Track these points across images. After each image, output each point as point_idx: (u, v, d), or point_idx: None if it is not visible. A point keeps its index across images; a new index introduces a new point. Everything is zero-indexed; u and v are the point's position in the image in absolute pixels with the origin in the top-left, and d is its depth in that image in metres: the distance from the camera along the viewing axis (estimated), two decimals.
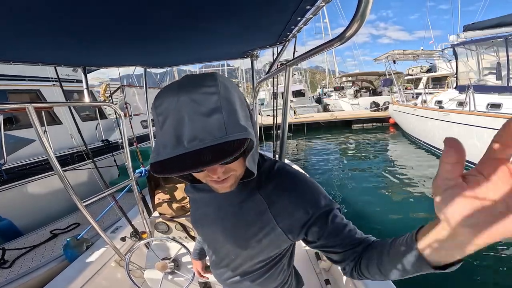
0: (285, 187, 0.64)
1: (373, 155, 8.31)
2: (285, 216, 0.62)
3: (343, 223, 0.60)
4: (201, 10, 0.76)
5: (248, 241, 0.67)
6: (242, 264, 0.75)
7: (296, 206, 0.61)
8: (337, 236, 0.58)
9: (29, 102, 1.08)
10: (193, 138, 0.46)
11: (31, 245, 2.73)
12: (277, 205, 0.63)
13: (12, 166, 3.51)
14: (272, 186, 0.64)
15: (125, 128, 1.72)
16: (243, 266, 0.75)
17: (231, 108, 0.50)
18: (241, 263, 0.74)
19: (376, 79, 18.69)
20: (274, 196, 0.64)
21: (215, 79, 0.51)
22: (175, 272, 1.52)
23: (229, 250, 0.73)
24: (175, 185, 1.66)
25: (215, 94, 0.49)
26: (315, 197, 0.61)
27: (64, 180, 1.19)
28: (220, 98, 0.49)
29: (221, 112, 0.48)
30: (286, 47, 1.38)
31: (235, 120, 0.49)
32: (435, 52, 10.61)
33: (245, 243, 0.68)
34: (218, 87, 0.50)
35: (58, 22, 0.71)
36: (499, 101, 5.41)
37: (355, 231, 0.60)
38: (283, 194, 0.63)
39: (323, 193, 0.63)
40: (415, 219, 4.05)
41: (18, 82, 4.23)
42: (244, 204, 0.67)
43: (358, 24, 0.55)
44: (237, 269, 0.77)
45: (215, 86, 0.50)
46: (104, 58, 1.45)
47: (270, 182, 0.65)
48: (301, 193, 0.62)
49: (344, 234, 0.59)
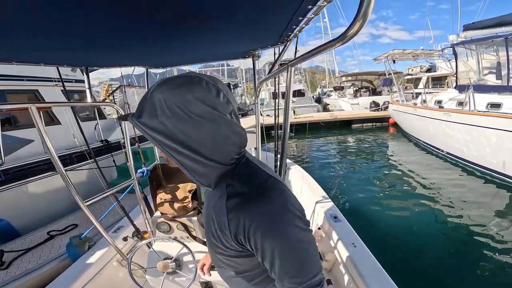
0: (244, 204, 0.61)
1: (373, 154, 8.32)
2: (239, 231, 0.60)
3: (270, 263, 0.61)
4: (203, 10, 0.76)
5: (214, 246, 0.69)
6: (220, 263, 0.75)
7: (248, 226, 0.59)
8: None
9: (31, 102, 1.09)
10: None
11: (28, 247, 2.74)
12: (234, 221, 0.60)
13: (10, 166, 3.50)
14: (237, 201, 0.62)
15: (127, 128, 1.73)
16: (222, 266, 0.75)
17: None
18: (219, 262, 0.75)
19: (376, 79, 18.70)
20: (234, 211, 0.61)
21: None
22: (176, 272, 1.52)
23: (210, 249, 0.76)
24: (177, 185, 1.67)
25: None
26: (270, 230, 0.58)
27: (67, 180, 1.19)
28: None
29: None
30: (287, 47, 1.38)
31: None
32: (435, 52, 10.62)
33: (213, 247, 0.70)
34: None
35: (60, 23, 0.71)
36: (499, 101, 5.42)
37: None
38: (242, 210, 0.60)
39: (284, 228, 0.58)
40: (414, 218, 4.05)
41: (16, 82, 4.21)
42: (215, 209, 0.66)
43: (360, 23, 0.55)
44: (218, 265, 0.78)
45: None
46: (106, 58, 1.45)
47: (238, 197, 0.62)
48: (259, 218, 0.59)
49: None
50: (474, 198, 4.55)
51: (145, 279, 1.67)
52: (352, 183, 5.82)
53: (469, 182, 5.27)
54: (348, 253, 1.57)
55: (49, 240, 2.89)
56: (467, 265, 2.91)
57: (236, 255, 0.67)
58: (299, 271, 0.59)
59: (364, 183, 5.83)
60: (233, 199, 0.62)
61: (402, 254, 3.13)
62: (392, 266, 1.59)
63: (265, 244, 0.58)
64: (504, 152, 4.79)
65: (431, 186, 5.24)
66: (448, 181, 5.42)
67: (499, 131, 4.77)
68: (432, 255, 3.12)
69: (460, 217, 3.94)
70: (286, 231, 0.58)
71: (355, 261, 1.48)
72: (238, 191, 0.63)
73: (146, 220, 1.76)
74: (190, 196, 1.65)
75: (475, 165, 5.62)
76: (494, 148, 4.99)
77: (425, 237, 3.53)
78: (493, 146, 5.01)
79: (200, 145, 0.59)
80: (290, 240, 0.58)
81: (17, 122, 4.07)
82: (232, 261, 0.70)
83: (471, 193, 4.81)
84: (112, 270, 1.80)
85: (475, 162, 5.59)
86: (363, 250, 1.59)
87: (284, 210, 0.60)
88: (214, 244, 0.68)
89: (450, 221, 3.84)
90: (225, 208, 0.62)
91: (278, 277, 0.61)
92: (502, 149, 4.82)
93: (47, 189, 3.86)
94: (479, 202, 4.42)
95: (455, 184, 5.21)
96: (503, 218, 3.82)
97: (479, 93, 5.71)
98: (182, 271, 1.53)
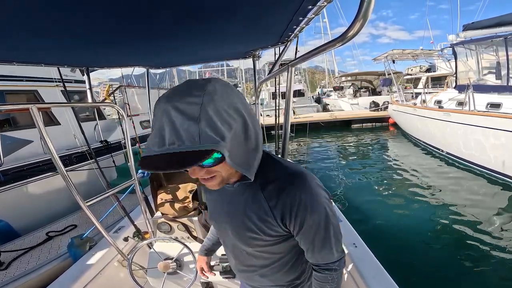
0: (284, 187, 0.66)
1: (373, 154, 8.31)
2: (286, 213, 0.66)
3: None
4: (203, 11, 0.76)
5: (251, 240, 0.72)
6: (251, 259, 0.79)
7: (292, 205, 0.65)
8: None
9: (32, 103, 1.09)
10: (172, 142, 0.51)
11: (27, 247, 2.74)
12: (278, 206, 0.66)
13: (10, 167, 3.49)
14: (274, 187, 0.67)
15: (127, 128, 1.73)
16: (253, 261, 0.79)
17: (209, 118, 0.52)
18: (250, 258, 0.79)
19: (376, 79, 18.70)
20: (275, 197, 0.66)
21: (202, 89, 0.55)
22: (177, 272, 1.52)
23: (239, 246, 0.78)
24: (178, 185, 1.67)
25: (197, 104, 0.53)
26: (312, 205, 0.66)
27: (68, 180, 1.19)
28: (200, 109, 0.52)
29: (197, 122, 0.51)
30: (288, 47, 1.38)
31: (212, 130, 0.52)
32: (434, 52, 10.62)
33: (249, 242, 0.73)
34: (202, 98, 0.53)
35: (60, 23, 0.72)
36: (498, 101, 5.42)
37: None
38: (283, 194, 0.66)
39: (322, 203, 0.67)
40: (415, 218, 4.05)
41: (15, 83, 4.21)
42: (248, 204, 0.70)
43: (361, 23, 0.56)
44: (247, 263, 0.81)
45: (199, 97, 0.53)
46: (106, 59, 1.45)
47: (273, 183, 0.68)
48: (300, 197, 0.65)
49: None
50: (474, 198, 4.55)
51: (146, 279, 1.67)
52: (352, 183, 5.82)
53: (469, 182, 5.27)
54: (349, 253, 1.57)
55: (47, 241, 2.89)
56: (468, 265, 2.91)
57: (275, 241, 0.72)
58: (335, 240, 0.70)
59: (364, 183, 5.83)
60: (269, 187, 0.67)
61: (402, 253, 3.13)
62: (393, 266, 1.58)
63: (311, 218, 0.65)
64: (503, 152, 4.80)
65: (431, 186, 5.24)
66: (448, 180, 5.42)
67: (498, 131, 4.77)
68: (433, 254, 3.12)
69: (460, 216, 3.94)
70: (325, 206, 0.67)
71: (356, 261, 1.48)
72: (271, 179, 0.68)
73: (147, 220, 1.75)
74: (190, 196, 1.66)
75: (475, 165, 5.62)
76: (494, 148, 4.99)
77: (426, 237, 3.53)
78: (492, 146, 5.02)
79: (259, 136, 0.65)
80: (329, 214, 0.67)
81: (16, 123, 4.07)
82: (269, 250, 0.75)
83: (471, 192, 4.81)
84: (113, 271, 1.79)
85: (475, 162, 5.59)
86: (364, 250, 1.58)
87: (319, 187, 0.68)
88: (251, 238, 0.71)
89: (450, 221, 3.84)
90: (262, 198, 0.67)
91: (319, 249, 0.70)
92: (501, 149, 4.83)
93: (46, 190, 3.85)
94: (479, 201, 4.42)
95: (455, 184, 5.21)
96: (503, 217, 3.82)
97: (479, 93, 5.71)
98: (183, 271, 1.53)
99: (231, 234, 0.76)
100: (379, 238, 3.41)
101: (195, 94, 0.54)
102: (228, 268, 1.39)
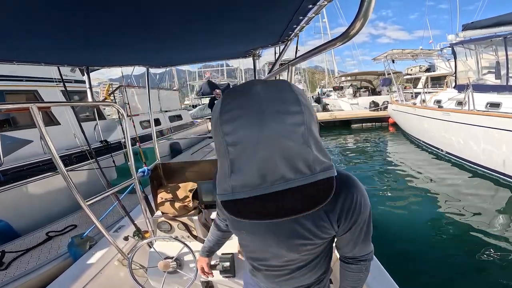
0: (337, 191, 0.61)
1: (373, 154, 8.32)
2: (342, 216, 0.65)
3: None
4: (203, 10, 0.77)
5: (302, 246, 0.69)
6: (289, 265, 0.77)
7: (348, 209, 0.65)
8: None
9: (32, 102, 1.09)
10: (280, 177, 0.41)
11: (27, 247, 2.73)
12: (335, 210, 0.65)
13: (9, 167, 3.49)
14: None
15: (128, 128, 1.73)
16: (290, 266, 0.77)
17: (315, 139, 0.44)
18: (288, 264, 0.76)
19: (375, 79, 18.70)
20: (331, 201, 0.61)
21: (299, 103, 0.44)
22: (177, 271, 1.52)
23: (282, 255, 0.73)
24: (178, 184, 1.67)
25: (302, 125, 0.42)
26: (365, 204, 0.66)
27: (68, 180, 1.19)
28: (306, 129, 0.43)
29: (309, 147, 0.43)
30: (288, 47, 1.38)
31: (320, 153, 0.44)
32: (434, 52, 10.63)
33: (299, 248, 0.70)
34: (304, 115, 0.43)
35: (60, 23, 0.72)
36: (498, 100, 5.42)
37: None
38: (339, 198, 0.64)
39: (369, 201, 0.68)
40: (415, 218, 4.06)
41: (15, 83, 4.20)
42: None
43: (361, 22, 0.55)
44: (283, 271, 0.78)
45: (301, 114, 0.43)
46: (106, 58, 1.45)
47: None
48: (356, 198, 0.65)
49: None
50: (474, 198, 4.56)
51: (146, 278, 1.67)
52: None
53: (469, 181, 5.28)
54: None
55: (47, 241, 2.89)
56: (468, 265, 2.92)
57: (323, 243, 0.72)
58: (371, 232, 0.73)
59: (364, 183, 5.84)
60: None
61: (403, 253, 3.14)
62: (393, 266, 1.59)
63: (363, 217, 0.67)
64: (504, 151, 4.80)
65: (431, 185, 5.25)
66: (447, 180, 5.42)
67: (498, 131, 4.78)
68: (434, 254, 3.13)
69: (460, 216, 3.94)
70: (370, 203, 0.68)
71: None
72: None
73: (147, 219, 1.76)
74: (191, 195, 1.66)
75: (475, 165, 5.63)
76: (494, 147, 5.00)
77: (426, 237, 3.54)
78: (492, 146, 5.02)
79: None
80: (371, 209, 0.69)
81: (16, 123, 4.07)
82: (314, 252, 0.74)
83: (470, 192, 4.81)
84: (113, 270, 1.80)
85: (475, 162, 5.60)
86: None
87: (361, 184, 0.68)
88: (302, 245, 0.68)
89: (450, 221, 3.84)
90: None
91: (361, 243, 0.72)
92: (501, 148, 4.83)
93: (46, 190, 3.85)
94: (479, 201, 4.43)
95: (455, 184, 5.21)
96: (503, 217, 3.83)
97: (478, 93, 5.71)
98: (183, 270, 1.53)
99: (275, 243, 0.70)
100: (379, 238, 3.40)
101: (294, 110, 0.43)
102: (228, 267, 1.39)
